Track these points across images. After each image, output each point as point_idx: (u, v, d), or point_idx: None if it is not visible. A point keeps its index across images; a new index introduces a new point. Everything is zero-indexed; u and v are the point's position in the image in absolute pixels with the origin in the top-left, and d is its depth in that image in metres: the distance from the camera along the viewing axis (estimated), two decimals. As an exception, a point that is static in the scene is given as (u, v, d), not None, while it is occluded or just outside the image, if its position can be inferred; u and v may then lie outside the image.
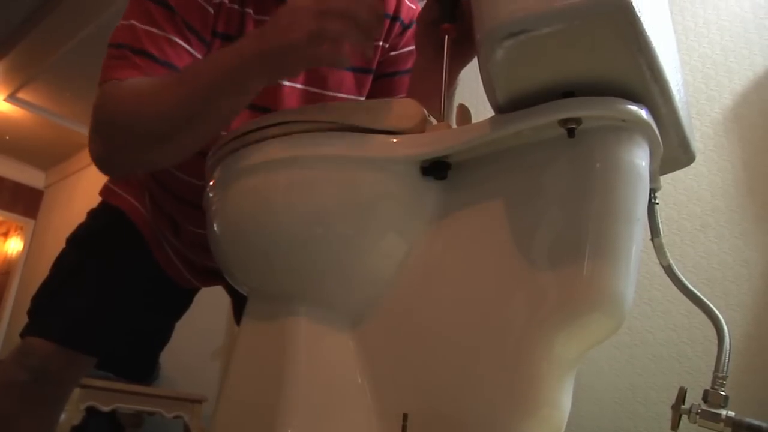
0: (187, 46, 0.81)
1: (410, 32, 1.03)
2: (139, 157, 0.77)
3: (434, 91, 0.71)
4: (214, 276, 1.08)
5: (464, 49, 0.80)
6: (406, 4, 1.02)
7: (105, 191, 1.07)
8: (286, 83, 0.90)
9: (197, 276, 1.07)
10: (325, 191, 0.66)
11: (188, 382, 2.80)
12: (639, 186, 0.57)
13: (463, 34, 0.76)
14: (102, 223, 1.05)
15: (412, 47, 1.02)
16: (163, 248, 1.03)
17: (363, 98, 0.99)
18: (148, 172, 1.01)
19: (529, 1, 0.50)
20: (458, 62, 0.82)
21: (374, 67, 0.99)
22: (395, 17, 1.00)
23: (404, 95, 0.96)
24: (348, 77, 0.96)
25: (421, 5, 0.86)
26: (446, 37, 0.74)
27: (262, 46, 0.67)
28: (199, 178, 0.88)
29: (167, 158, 0.80)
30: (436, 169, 0.65)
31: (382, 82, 1.02)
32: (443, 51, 0.73)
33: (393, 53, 1.02)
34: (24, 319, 0.99)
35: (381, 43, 0.99)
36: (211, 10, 0.84)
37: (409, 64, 1.01)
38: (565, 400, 0.59)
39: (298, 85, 0.92)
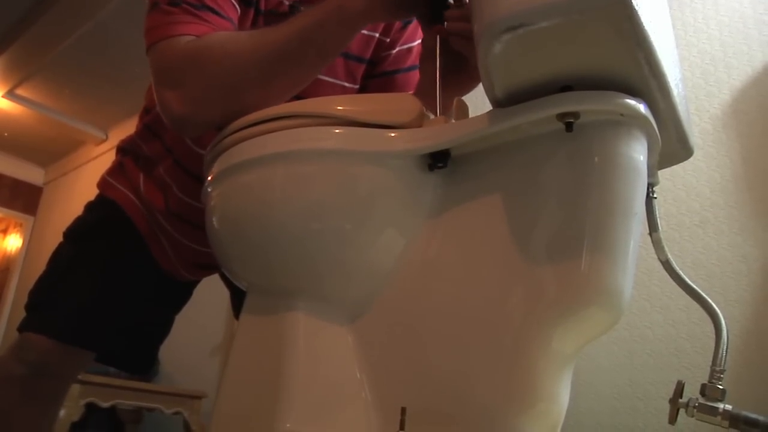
0: (235, 2, 0.82)
1: (411, 27, 1.02)
2: (232, 107, 0.74)
3: (434, 110, 0.72)
4: (206, 269, 1.08)
5: (461, 79, 0.81)
6: None
7: (102, 183, 1.07)
8: None
9: (191, 270, 1.07)
10: (322, 186, 0.66)
11: (188, 379, 2.81)
12: (637, 180, 0.57)
13: (461, 66, 0.79)
14: (98, 216, 1.05)
15: (413, 44, 1.02)
16: (159, 241, 1.02)
17: (352, 87, 0.99)
18: (159, 134, 1.01)
19: (528, -5, 0.50)
20: (454, 90, 0.82)
21: (368, 57, 0.99)
22: None
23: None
24: (339, 62, 0.96)
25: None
26: (438, 37, 0.78)
27: None
28: (203, 148, 0.88)
29: (260, 105, 0.75)
30: (436, 157, 0.65)
31: (383, 79, 1.01)
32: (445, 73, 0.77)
33: (393, 50, 1.01)
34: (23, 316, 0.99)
35: (378, 35, 0.99)
36: None
37: (410, 62, 1.01)
38: (562, 395, 0.59)
39: None
